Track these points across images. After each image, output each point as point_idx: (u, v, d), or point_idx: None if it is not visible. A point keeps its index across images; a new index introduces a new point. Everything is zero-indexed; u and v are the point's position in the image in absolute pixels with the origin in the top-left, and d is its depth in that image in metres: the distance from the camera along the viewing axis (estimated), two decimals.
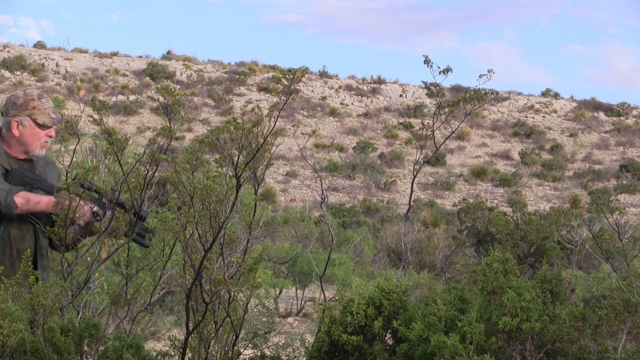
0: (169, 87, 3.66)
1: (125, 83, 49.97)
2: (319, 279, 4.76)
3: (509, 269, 3.68)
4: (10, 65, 49.50)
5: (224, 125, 3.46)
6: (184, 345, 3.49)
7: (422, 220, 24.96)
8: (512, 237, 12.45)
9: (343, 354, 3.48)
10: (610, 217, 5.54)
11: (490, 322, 3.29)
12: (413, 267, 16.04)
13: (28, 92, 4.32)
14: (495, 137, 48.21)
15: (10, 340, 3.08)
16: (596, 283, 9.62)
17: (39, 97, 4.30)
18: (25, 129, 4.25)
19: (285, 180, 38.26)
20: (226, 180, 3.40)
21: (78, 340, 3.25)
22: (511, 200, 34.48)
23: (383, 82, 54.32)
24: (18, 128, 4.25)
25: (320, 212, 24.38)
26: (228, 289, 3.40)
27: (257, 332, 3.69)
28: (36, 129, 4.26)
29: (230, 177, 3.42)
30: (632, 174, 39.83)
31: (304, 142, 40.53)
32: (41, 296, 3.20)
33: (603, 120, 51.02)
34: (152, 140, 3.75)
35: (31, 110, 4.26)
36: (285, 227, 16.68)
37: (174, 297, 8.98)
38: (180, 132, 40.11)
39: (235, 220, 3.64)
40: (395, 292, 3.52)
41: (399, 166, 41.54)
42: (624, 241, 7.72)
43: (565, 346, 3.26)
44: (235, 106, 47.59)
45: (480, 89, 4.34)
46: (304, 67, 3.54)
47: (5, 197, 4.06)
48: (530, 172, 41.66)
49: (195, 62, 54.94)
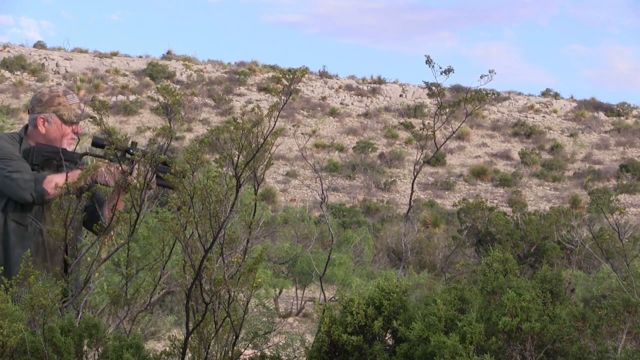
0: (169, 87, 3.66)
1: (125, 83, 49.97)
2: (319, 279, 4.76)
3: (509, 269, 3.68)
4: (10, 65, 49.50)
5: (224, 125, 3.45)
6: (184, 345, 3.49)
7: (422, 220, 24.96)
8: (512, 237, 12.45)
9: (343, 354, 3.48)
10: (610, 217, 5.54)
11: (490, 322, 3.29)
12: (413, 267, 16.04)
13: (53, 89, 4.32)
14: (495, 137, 48.21)
15: (10, 340, 3.08)
16: (596, 283, 9.61)
17: (64, 94, 4.29)
18: (51, 125, 4.24)
19: (285, 180, 38.25)
20: (226, 180, 3.40)
21: (78, 340, 3.25)
22: (511, 200, 34.49)
23: (383, 82, 54.32)
24: (44, 125, 4.25)
25: (320, 212, 24.37)
26: (228, 289, 3.40)
27: (257, 332, 3.69)
28: (62, 125, 4.25)
29: (230, 177, 3.42)
30: (632, 174, 39.83)
31: (304, 142, 40.52)
32: (41, 296, 3.20)
33: (603, 120, 51.02)
34: (152, 140, 3.75)
35: (57, 106, 4.25)
36: (285, 227, 16.68)
37: (174, 297, 8.98)
38: (180, 132, 40.10)
39: (235, 220, 3.64)
40: (395, 292, 3.52)
41: (399, 166, 41.54)
42: (624, 241, 7.72)
43: (565, 346, 3.26)
44: (235, 106, 47.59)
45: (481, 90, 4.34)
46: (304, 67, 3.54)
47: (35, 187, 4.05)
48: (530, 172, 41.66)
49: (195, 62, 54.94)
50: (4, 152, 4.14)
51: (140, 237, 7.46)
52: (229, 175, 3.43)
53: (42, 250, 4.16)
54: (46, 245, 4.17)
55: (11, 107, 41.35)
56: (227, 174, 3.43)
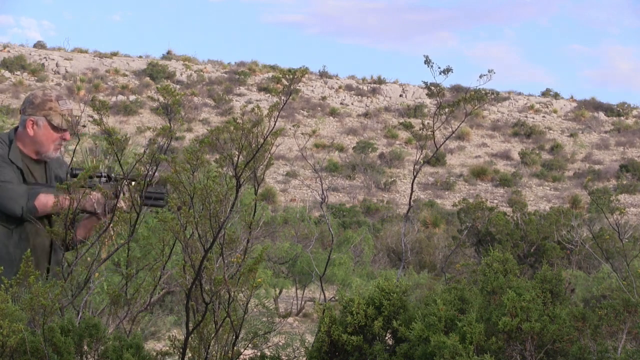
0: (169, 87, 3.66)
1: (125, 83, 49.98)
2: (319, 279, 4.76)
3: (509, 269, 3.68)
4: (10, 65, 49.51)
5: (224, 125, 3.45)
6: (184, 345, 3.49)
7: (422, 220, 24.97)
8: (512, 237, 12.45)
9: (343, 354, 3.48)
10: (610, 217, 5.54)
11: (490, 322, 3.29)
12: (413, 267, 16.04)
13: (47, 93, 4.29)
14: (495, 137, 48.22)
15: (10, 340, 3.08)
16: (596, 283, 9.61)
17: (57, 99, 4.25)
18: (39, 129, 4.22)
19: (285, 180, 38.26)
20: (226, 180, 3.40)
21: (78, 340, 3.25)
22: (511, 200, 34.49)
23: (383, 82, 54.32)
24: (33, 128, 4.22)
25: (320, 212, 24.38)
26: (228, 289, 3.40)
27: (257, 332, 3.69)
28: (50, 130, 4.22)
29: (230, 177, 3.42)
30: (632, 174, 39.84)
31: (304, 142, 40.52)
32: (41, 296, 3.20)
33: (603, 120, 51.03)
34: (152, 140, 3.75)
35: (47, 110, 4.22)
36: (285, 227, 16.69)
37: (174, 297, 8.98)
38: (180, 132, 40.10)
39: (235, 220, 3.64)
40: (395, 292, 3.52)
41: (399, 166, 41.55)
42: (624, 241, 7.71)
43: (565, 346, 3.26)
44: (235, 106, 47.59)
45: (480, 89, 4.34)
46: (303, 67, 3.54)
47: (27, 203, 4.04)
48: (530, 172, 41.67)
49: (195, 62, 54.95)
50: None
51: (140, 237, 7.45)
52: (229, 175, 3.43)
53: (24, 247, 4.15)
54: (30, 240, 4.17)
55: (11, 107, 41.36)
56: (227, 174, 3.43)
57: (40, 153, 4.25)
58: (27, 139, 4.24)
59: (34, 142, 4.23)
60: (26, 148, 4.24)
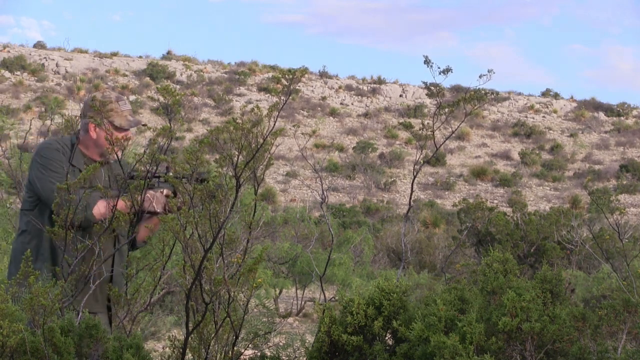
0: (169, 87, 3.67)
1: (125, 83, 49.97)
2: (319, 279, 4.77)
3: (509, 269, 3.68)
4: (10, 65, 49.50)
5: (223, 125, 3.45)
6: (184, 345, 3.49)
7: (422, 220, 24.96)
8: (512, 237, 12.45)
9: (343, 354, 3.48)
10: (610, 217, 5.54)
11: (490, 322, 3.29)
12: (413, 267, 16.04)
13: (106, 94, 4.32)
14: (495, 137, 48.21)
15: (10, 340, 3.08)
16: (596, 283, 9.61)
17: (117, 100, 4.30)
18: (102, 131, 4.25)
19: (285, 180, 38.25)
20: (226, 181, 3.40)
21: (78, 340, 3.25)
22: (511, 201, 34.47)
23: (383, 82, 54.32)
24: (95, 130, 4.26)
25: (320, 212, 24.38)
26: (228, 289, 3.40)
27: (257, 332, 3.69)
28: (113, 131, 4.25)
29: (230, 177, 3.42)
30: (632, 174, 39.83)
31: (304, 142, 40.53)
32: (41, 296, 3.20)
33: (603, 120, 51.02)
34: (152, 140, 3.76)
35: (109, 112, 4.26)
36: (285, 227, 16.69)
37: (174, 297, 8.97)
38: (180, 132, 40.12)
39: (235, 220, 3.64)
40: (395, 292, 3.52)
41: (399, 166, 41.54)
42: (624, 241, 7.72)
43: (565, 346, 3.26)
44: (235, 106, 47.58)
45: (480, 89, 4.34)
46: (303, 67, 3.54)
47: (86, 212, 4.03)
48: (530, 172, 41.65)
49: (195, 62, 54.94)
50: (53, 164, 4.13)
51: None
52: (229, 175, 3.43)
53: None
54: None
55: (11, 107, 41.36)
56: (227, 174, 3.43)
57: (104, 154, 4.27)
58: (90, 142, 4.29)
59: (97, 144, 4.28)
60: (89, 151, 4.29)
